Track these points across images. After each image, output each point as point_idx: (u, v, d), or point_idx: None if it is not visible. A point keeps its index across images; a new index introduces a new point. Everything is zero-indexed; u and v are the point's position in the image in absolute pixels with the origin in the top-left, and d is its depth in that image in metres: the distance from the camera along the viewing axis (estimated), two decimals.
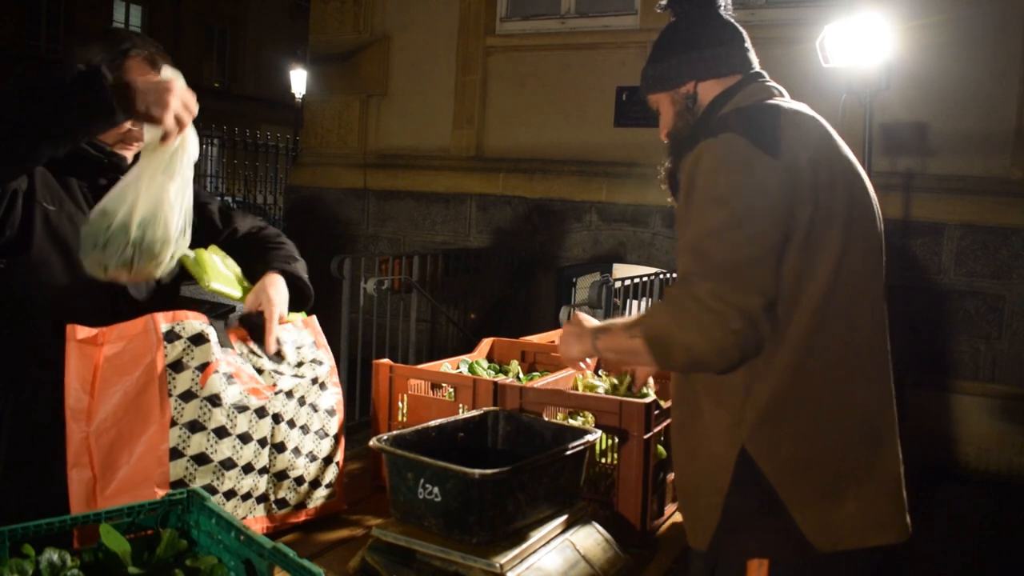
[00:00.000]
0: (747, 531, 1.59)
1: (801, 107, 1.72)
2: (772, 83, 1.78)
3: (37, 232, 1.78)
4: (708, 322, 1.49)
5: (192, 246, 1.82)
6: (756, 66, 1.80)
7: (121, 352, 1.63)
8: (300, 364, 1.88)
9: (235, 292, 1.87)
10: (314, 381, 1.88)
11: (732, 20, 1.82)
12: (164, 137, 1.62)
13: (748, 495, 1.59)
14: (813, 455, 1.59)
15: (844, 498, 1.59)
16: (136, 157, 1.97)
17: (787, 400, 1.58)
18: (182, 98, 1.60)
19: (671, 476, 2.05)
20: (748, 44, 1.80)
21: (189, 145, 1.67)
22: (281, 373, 1.82)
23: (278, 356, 1.85)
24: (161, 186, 1.66)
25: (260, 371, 1.79)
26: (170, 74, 1.65)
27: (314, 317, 1.99)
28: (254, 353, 1.82)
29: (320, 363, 1.91)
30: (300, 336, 1.92)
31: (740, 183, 1.55)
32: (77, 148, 1.84)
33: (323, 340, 1.96)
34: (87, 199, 1.87)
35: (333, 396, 1.93)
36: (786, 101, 1.73)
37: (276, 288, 1.89)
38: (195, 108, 1.63)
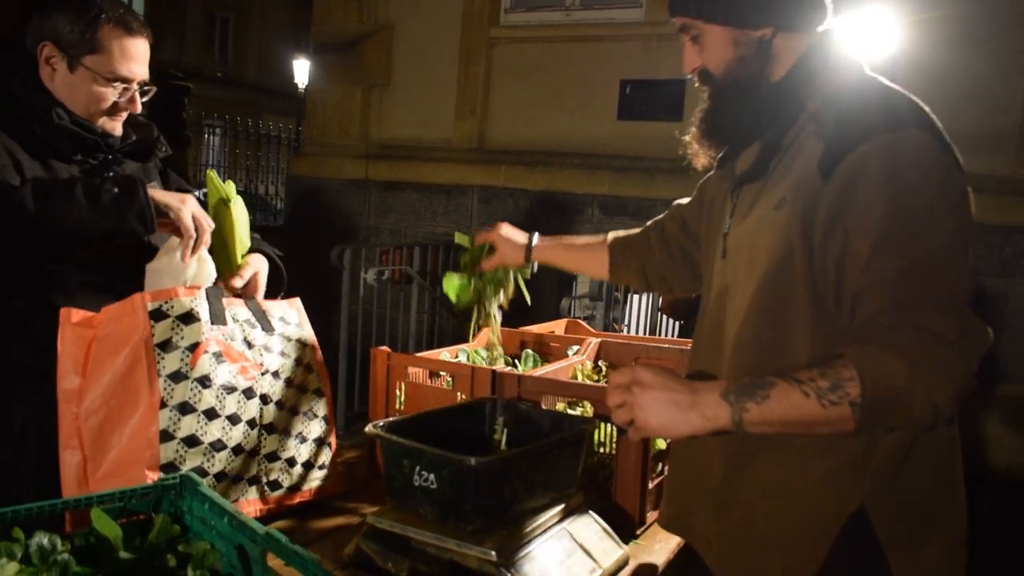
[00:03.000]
0: None
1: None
2: (847, 44, 1.49)
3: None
4: (957, 367, 1.21)
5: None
6: (829, 18, 1.50)
7: (111, 333, 1.62)
8: (288, 339, 1.86)
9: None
10: (299, 362, 1.87)
11: None
12: (185, 248, 1.75)
13: (854, 553, 1.37)
14: (915, 499, 1.38)
15: (932, 539, 1.40)
16: (125, 133, 1.96)
17: (910, 443, 1.37)
18: (196, 212, 1.74)
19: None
20: None
21: (206, 265, 1.80)
22: (270, 350, 1.80)
23: (267, 324, 1.83)
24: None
25: (251, 345, 1.76)
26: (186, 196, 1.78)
27: (298, 299, 1.99)
28: (248, 323, 1.80)
29: (305, 343, 1.90)
30: (287, 313, 1.91)
31: (949, 196, 1.31)
32: (69, 132, 1.83)
33: (307, 321, 1.95)
34: None
35: (319, 377, 1.93)
36: (881, 78, 1.46)
37: (261, 259, 1.96)
38: (210, 224, 1.78)
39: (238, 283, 1.87)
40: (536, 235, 2.20)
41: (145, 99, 1.95)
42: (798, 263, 1.37)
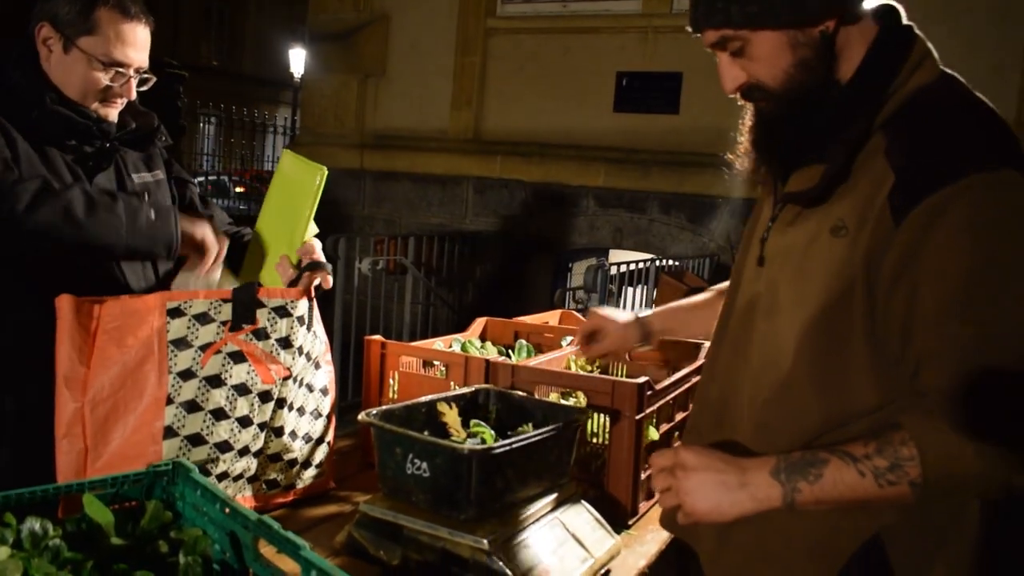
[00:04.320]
0: None
1: None
2: (912, 27, 1.29)
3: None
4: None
5: None
6: None
7: (120, 325, 1.59)
8: (315, 332, 1.84)
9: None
10: (309, 357, 1.86)
11: None
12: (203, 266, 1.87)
13: None
14: (930, 525, 1.30)
15: (940, 560, 1.32)
16: (121, 119, 1.95)
17: None
18: (208, 237, 1.86)
19: None
20: None
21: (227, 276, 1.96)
22: (302, 352, 1.78)
23: (311, 320, 1.82)
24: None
25: (289, 344, 1.73)
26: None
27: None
28: (301, 319, 1.77)
29: (317, 338, 1.89)
30: (305, 307, 1.89)
31: None
32: (62, 116, 1.82)
33: (319, 316, 1.94)
34: (72, 172, 1.84)
35: (326, 375, 1.92)
36: (958, 77, 1.28)
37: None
38: (224, 243, 1.91)
39: (294, 258, 1.84)
40: (642, 311, 1.93)
41: (144, 88, 1.94)
42: (858, 303, 1.24)
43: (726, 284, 1.73)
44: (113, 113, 1.90)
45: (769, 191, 1.47)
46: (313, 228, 1.92)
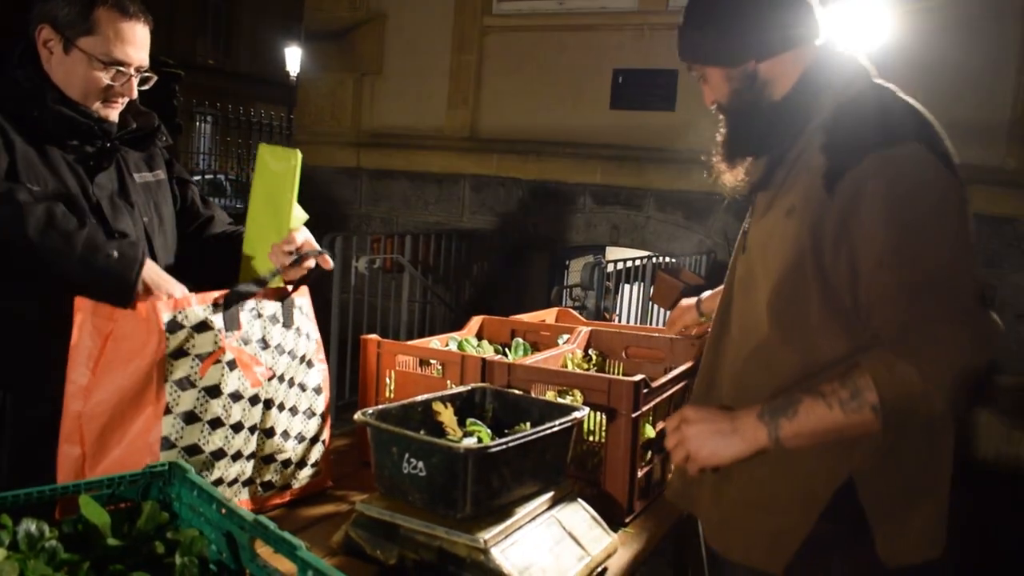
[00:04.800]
0: (833, 558, 1.50)
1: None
2: (853, 53, 1.59)
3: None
4: (968, 361, 1.33)
5: (177, 223, 1.94)
6: (823, 29, 1.58)
7: (128, 335, 1.59)
8: (299, 334, 1.84)
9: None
10: (302, 359, 1.85)
11: None
12: None
13: (840, 520, 1.49)
14: (903, 472, 1.50)
15: (915, 510, 1.51)
16: (121, 118, 1.95)
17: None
18: (172, 295, 1.69)
19: (659, 456, 2.04)
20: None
21: None
22: (283, 350, 1.78)
23: (289, 318, 1.81)
24: None
25: (267, 345, 1.74)
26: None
27: (306, 288, 1.97)
28: (273, 318, 1.77)
29: (308, 336, 1.89)
30: (303, 303, 1.89)
31: (947, 208, 1.40)
32: (64, 115, 1.82)
33: (312, 314, 1.94)
34: (73, 171, 1.84)
35: (319, 374, 1.91)
36: (891, 86, 1.55)
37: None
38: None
39: (287, 247, 1.83)
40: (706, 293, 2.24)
41: (145, 87, 1.94)
42: (809, 267, 1.47)
43: None
44: (114, 113, 1.90)
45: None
46: (301, 214, 1.91)
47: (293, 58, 18.23)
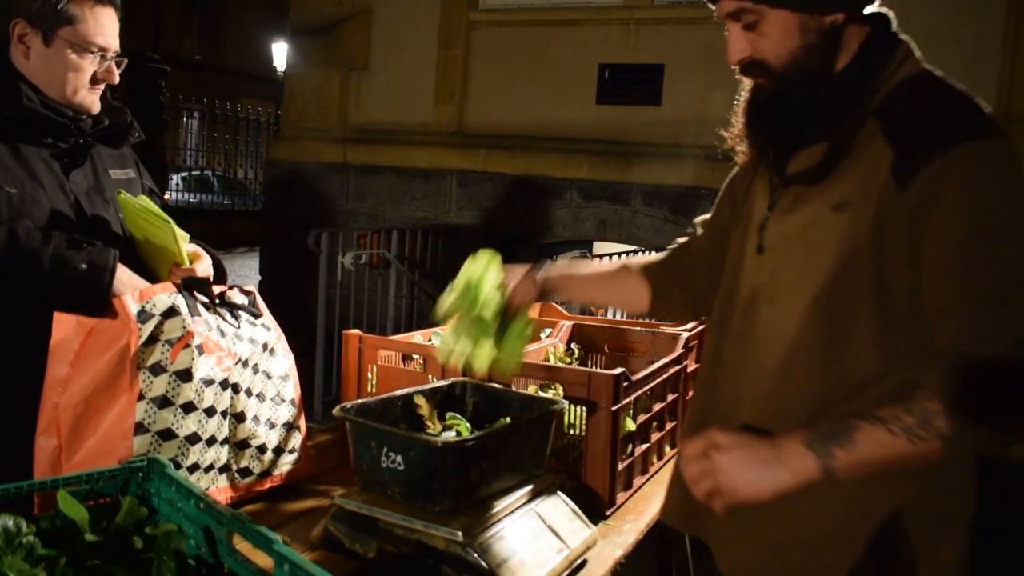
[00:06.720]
0: None
1: None
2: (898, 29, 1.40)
3: (3, 220, 1.73)
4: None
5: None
6: None
7: (103, 330, 1.62)
8: (253, 325, 1.86)
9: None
10: (264, 347, 1.87)
11: None
12: None
13: (885, 555, 1.33)
14: (945, 498, 1.36)
15: (952, 539, 1.38)
16: (98, 117, 1.94)
17: None
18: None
19: (640, 449, 2.06)
20: None
21: None
22: (240, 338, 1.80)
23: (234, 312, 1.83)
24: None
25: (223, 334, 1.76)
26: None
27: (253, 285, 2.00)
28: (218, 311, 1.80)
29: (268, 328, 1.90)
30: (246, 301, 1.91)
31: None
32: (39, 114, 1.82)
33: (265, 308, 1.95)
34: (49, 168, 1.84)
35: (285, 361, 1.93)
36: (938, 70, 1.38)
37: (197, 247, 1.93)
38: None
39: (185, 264, 1.85)
40: (544, 266, 1.88)
41: (120, 69, 1.95)
42: (867, 271, 1.30)
43: (633, 259, 1.82)
44: (97, 101, 1.92)
45: (764, 179, 1.51)
46: (183, 236, 1.89)
47: (280, 53, 18.17)
